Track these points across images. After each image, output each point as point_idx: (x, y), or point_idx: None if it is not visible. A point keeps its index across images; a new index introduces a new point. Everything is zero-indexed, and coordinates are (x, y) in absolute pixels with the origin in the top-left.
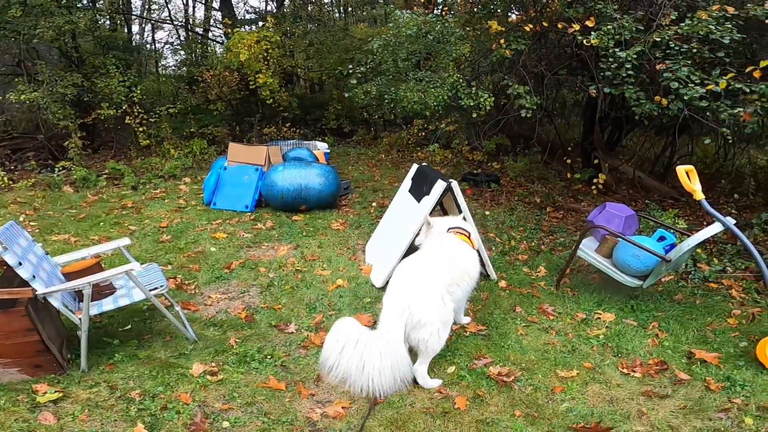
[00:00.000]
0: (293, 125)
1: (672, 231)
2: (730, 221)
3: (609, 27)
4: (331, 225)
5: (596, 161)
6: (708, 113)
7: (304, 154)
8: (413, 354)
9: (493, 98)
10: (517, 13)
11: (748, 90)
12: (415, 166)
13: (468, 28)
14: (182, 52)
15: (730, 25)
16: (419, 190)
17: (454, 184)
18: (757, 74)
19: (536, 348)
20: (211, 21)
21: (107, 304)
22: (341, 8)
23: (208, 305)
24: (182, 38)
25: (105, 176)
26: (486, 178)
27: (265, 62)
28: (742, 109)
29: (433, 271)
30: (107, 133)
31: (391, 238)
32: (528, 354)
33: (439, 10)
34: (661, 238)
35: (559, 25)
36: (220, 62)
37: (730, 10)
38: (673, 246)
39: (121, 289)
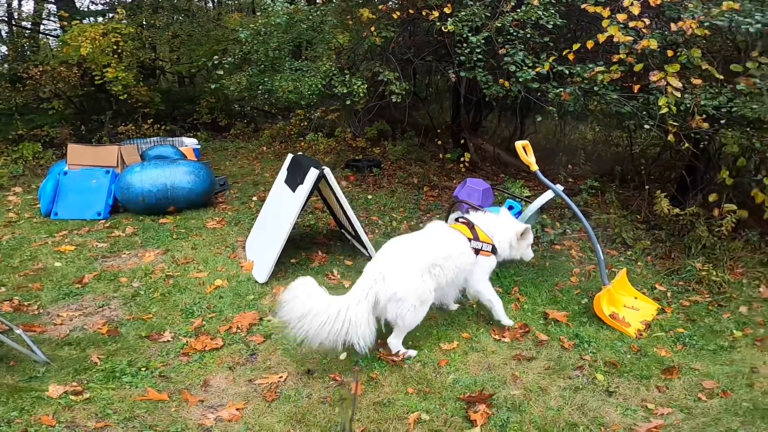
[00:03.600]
0: (157, 121)
1: (519, 200)
2: (559, 188)
3: (463, 13)
4: (207, 224)
5: (463, 141)
6: (539, 93)
7: (168, 152)
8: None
9: (366, 85)
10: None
11: (567, 72)
12: (290, 156)
13: (348, 17)
14: (3, 48)
15: (553, 11)
16: (294, 180)
17: (328, 171)
18: (571, 57)
19: (419, 324)
20: (44, 14)
21: None
22: None
23: (58, 324)
24: (4, 33)
25: None
26: (368, 164)
27: (116, 56)
28: (562, 89)
29: (415, 247)
30: None
31: (271, 231)
32: (413, 331)
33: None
34: (510, 208)
35: (423, 12)
36: (54, 57)
37: None
38: (519, 214)
39: None
